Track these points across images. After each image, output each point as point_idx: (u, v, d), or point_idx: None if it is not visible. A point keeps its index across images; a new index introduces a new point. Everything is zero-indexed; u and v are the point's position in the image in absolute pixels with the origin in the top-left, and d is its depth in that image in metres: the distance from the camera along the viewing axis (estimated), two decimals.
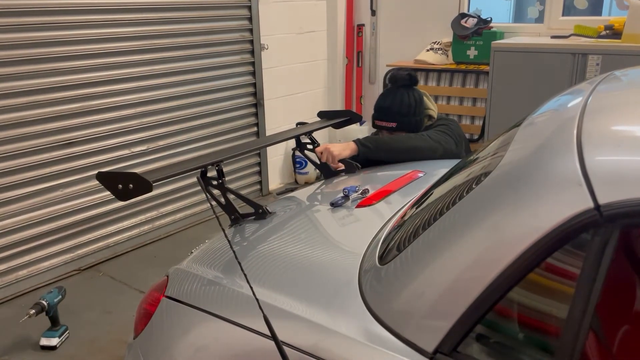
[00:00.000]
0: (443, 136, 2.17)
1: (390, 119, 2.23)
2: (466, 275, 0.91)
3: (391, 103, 2.24)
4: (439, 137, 2.15)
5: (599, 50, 3.03)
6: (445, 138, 2.17)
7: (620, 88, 1.28)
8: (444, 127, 2.22)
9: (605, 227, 0.79)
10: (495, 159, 1.08)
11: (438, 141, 2.13)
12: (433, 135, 2.15)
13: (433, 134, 2.16)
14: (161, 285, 1.45)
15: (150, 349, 1.34)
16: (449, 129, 2.22)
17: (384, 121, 2.26)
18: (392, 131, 2.25)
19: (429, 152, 2.12)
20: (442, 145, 2.14)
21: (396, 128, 2.23)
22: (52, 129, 2.84)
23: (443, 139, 2.16)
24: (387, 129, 2.25)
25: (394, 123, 2.23)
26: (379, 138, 2.13)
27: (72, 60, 2.88)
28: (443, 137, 2.16)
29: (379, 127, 2.29)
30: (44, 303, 2.32)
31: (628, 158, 0.84)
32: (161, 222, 3.47)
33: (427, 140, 2.12)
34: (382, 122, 2.26)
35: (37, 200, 2.84)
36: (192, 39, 3.41)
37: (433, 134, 2.16)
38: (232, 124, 3.78)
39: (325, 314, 1.11)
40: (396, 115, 2.23)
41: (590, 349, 0.84)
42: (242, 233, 1.61)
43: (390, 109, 2.24)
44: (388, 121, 2.24)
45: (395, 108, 2.23)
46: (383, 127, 2.26)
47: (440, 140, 2.15)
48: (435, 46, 4.00)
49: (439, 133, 2.18)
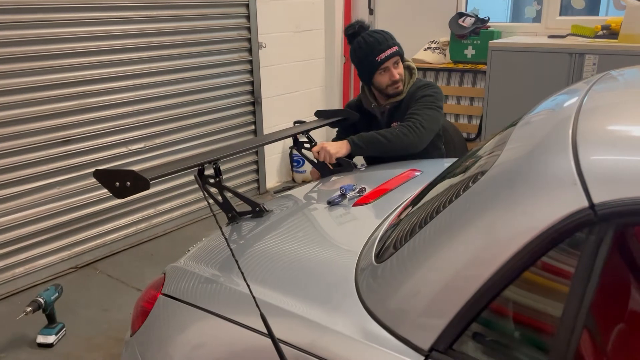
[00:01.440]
0: (432, 116, 2.17)
1: (392, 44, 2.23)
2: (462, 273, 0.92)
3: (381, 34, 2.25)
4: (429, 122, 2.14)
5: (595, 50, 3.04)
6: (434, 117, 2.17)
7: (615, 88, 1.29)
8: (432, 98, 2.21)
9: (600, 226, 0.79)
10: (491, 158, 1.09)
11: (429, 128, 2.14)
12: (424, 120, 2.13)
13: (423, 117, 2.14)
14: (158, 282, 1.45)
15: (148, 347, 1.34)
16: (436, 100, 2.22)
17: (388, 49, 2.21)
18: (398, 55, 2.23)
19: (421, 144, 2.13)
20: (432, 131, 2.17)
21: (399, 51, 2.24)
22: (48, 126, 2.84)
23: (433, 121, 2.16)
24: (394, 54, 2.22)
25: (396, 47, 2.24)
26: (372, 137, 2.10)
27: (68, 58, 2.87)
28: (432, 119, 2.16)
29: (387, 57, 2.21)
30: (40, 301, 2.32)
31: (623, 157, 0.84)
32: (158, 220, 3.46)
33: (418, 132, 2.11)
34: (388, 51, 2.21)
35: (34, 197, 2.84)
36: (189, 36, 3.41)
37: (423, 119, 2.14)
38: (229, 122, 3.78)
39: (322, 312, 1.11)
40: (391, 40, 2.24)
41: (585, 347, 0.85)
42: (239, 231, 1.61)
43: (384, 37, 2.23)
44: (391, 47, 2.22)
45: (387, 35, 2.25)
46: (390, 55, 2.21)
47: (432, 126, 2.16)
48: (432, 45, 4.00)
49: (428, 113, 2.16)
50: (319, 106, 4.36)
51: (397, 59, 2.24)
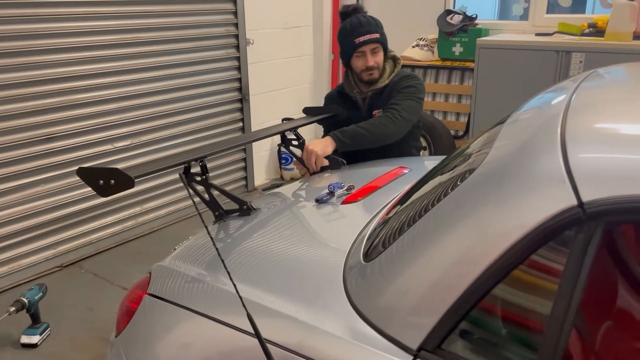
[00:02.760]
0: (412, 106, 2.18)
1: (373, 31, 2.22)
2: (451, 272, 0.91)
3: (365, 18, 2.25)
4: (408, 112, 2.16)
5: (582, 48, 3.06)
6: (413, 107, 2.18)
7: (603, 85, 1.29)
8: (413, 89, 2.22)
9: (589, 224, 0.79)
10: (479, 155, 1.08)
11: (408, 118, 2.15)
12: (403, 111, 2.14)
13: (404, 107, 2.16)
14: (144, 282, 1.43)
15: (133, 347, 1.32)
16: (418, 92, 2.22)
17: (368, 34, 2.22)
18: (377, 42, 2.23)
19: (399, 134, 2.16)
20: (411, 121, 2.18)
21: (380, 39, 2.24)
22: (32, 123, 2.79)
23: (412, 111, 2.17)
24: (372, 41, 2.22)
25: (377, 34, 2.23)
26: (354, 131, 2.09)
27: (52, 54, 2.82)
28: (412, 110, 2.17)
29: (364, 42, 2.22)
30: (24, 300, 2.28)
31: (611, 155, 0.84)
32: (145, 218, 3.43)
33: (397, 121, 2.12)
34: (367, 36, 2.22)
35: (17, 196, 2.79)
36: (176, 32, 3.37)
37: (403, 109, 2.15)
38: (217, 119, 3.75)
39: (310, 312, 1.10)
40: (375, 27, 2.24)
41: (573, 345, 0.85)
42: (226, 229, 1.60)
43: (367, 22, 2.23)
44: (371, 33, 2.22)
45: (371, 21, 2.25)
46: (368, 40, 2.22)
47: (411, 116, 2.17)
48: (421, 42, 4.00)
49: (408, 104, 2.17)
50: (307, 103, 4.35)
51: (376, 47, 2.24)
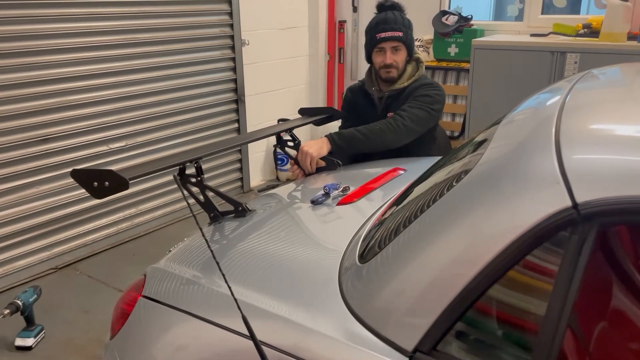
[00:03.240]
0: (420, 116, 2.12)
1: (397, 29, 2.19)
2: (445, 273, 0.91)
3: (394, 15, 2.21)
4: (414, 121, 2.10)
5: (577, 49, 3.07)
6: (421, 118, 2.13)
7: (598, 86, 1.29)
8: (429, 99, 2.17)
9: (583, 225, 0.79)
10: (474, 157, 1.08)
11: (411, 128, 2.10)
12: (407, 120, 2.10)
13: (410, 116, 2.11)
14: (138, 284, 1.42)
15: (127, 350, 1.31)
16: (433, 102, 2.17)
17: (391, 31, 2.18)
18: (399, 41, 2.19)
19: (398, 143, 2.11)
20: (415, 131, 2.12)
21: (402, 38, 2.20)
22: (27, 124, 2.78)
23: (419, 122, 2.12)
24: (394, 38, 2.19)
25: (401, 32, 2.19)
26: (351, 135, 2.07)
27: (48, 55, 2.81)
28: (419, 120, 2.12)
29: (385, 39, 2.19)
30: (18, 303, 2.27)
31: (606, 156, 0.84)
32: (140, 219, 3.42)
33: (398, 130, 2.08)
34: (389, 33, 2.18)
35: (12, 197, 2.78)
36: (171, 33, 3.37)
37: (408, 118, 2.10)
38: (212, 120, 3.74)
39: (305, 313, 1.10)
40: (401, 25, 2.20)
41: (568, 346, 0.85)
42: (221, 231, 1.59)
43: (394, 19, 2.20)
44: (395, 30, 2.18)
45: (399, 19, 2.20)
46: (389, 37, 2.19)
47: (416, 126, 2.11)
48: (416, 43, 4.00)
49: (416, 113, 2.12)
50: (303, 104, 4.35)
51: (397, 45, 2.21)
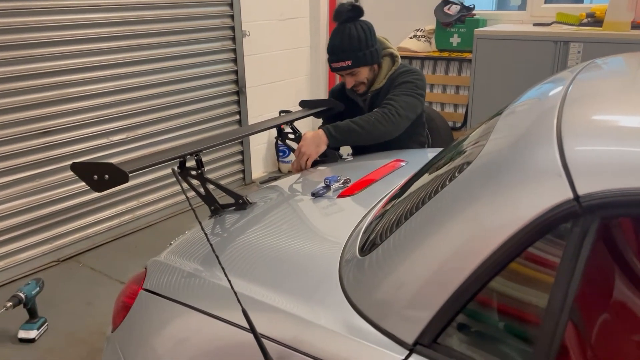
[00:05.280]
0: (409, 102, 2.12)
1: (344, 58, 2.16)
2: (447, 266, 0.90)
3: (341, 41, 2.16)
4: (405, 109, 2.10)
5: (580, 38, 3.04)
6: (411, 104, 2.12)
7: (600, 77, 1.28)
8: (411, 85, 2.15)
9: (585, 217, 0.78)
10: (476, 148, 1.07)
11: (405, 115, 2.10)
12: (400, 108, 2.09)
13: (400, 103, 2.10)
14: (139, 277, 1.42)
15: (129, 342, 1.31)
16: (416, 87, 2.16)
17: (338, 62, 2.18)
18: (350, 69, 2.18)
19: (396, 132, 2.10)
20: (409, 118, 2.12)
21: (352, 65, 2.17)
22: (27, 117, 2.77)
23: (410, 108, 2.12)
24: (343, 68, 2.18)
25: (349, 61, 2.16)
26: (347, 127, 2.06)
27: (47, 47, 2.80)
28: (409, 106, 2.12)
29: (335, 69, 2.21)
30: (21, 295, 2.28)
31: (608, 148, 0.83)
32: (142, 212, 3.42)
33: (394, 119, 2.07)
34: (337, 64, 2.18)
35: (13, 190, 2.78)
36: (171, 24, 3.35)
37: (400, 106, 2.10)
38: (213, 112, 3.73)
39: (306, 306, 1.09)
40: (349, 52, 2.15)
41: (570, 339, 0.84)
42: (222, 224, 1.59)
43: (341, 47, 2.16)
44: (342, 60, 2.17)
45: (345, 45, 2.15)
46: (339, 68, 2.19)
47: (409, 113, 2.11)
48: (418, 33, 3.98)
49: (405, 100, 2.12)
50: (304, 95, 4.34)
51: (351, 71, 2.20)
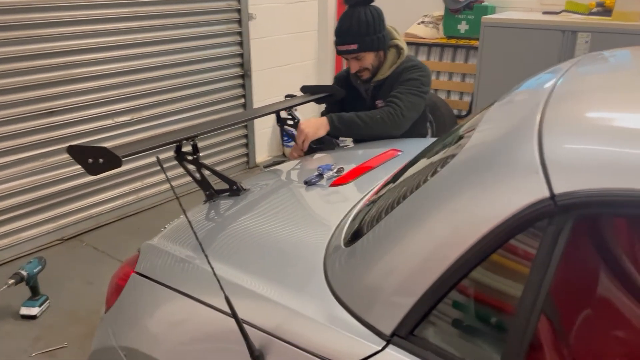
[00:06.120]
0: (414, 102, 2.11)
1: (350, 41, 2.15)
2: (422, 262, 0.91)
3: (349, 24, 2.15)
4: (410, 109, 2.09)
5: (588, 28, 3.00)
6: (416, 104, 2.11)
7: (595, 71, 1.26)
8: (417, 82, 2.14)
9: (560, 216, 0.78)
10: (464, 140, 1.07)
11: (408, 116, 2.09)
12: (405, 108, 2.08)
13: (405, 103, 2.09)
14: (132, 260, 1.45)
15: (119, 324, 1.34)
16: (422, 85, 2.14)
17: (344, 45, 2.17)
18: (355, 53, 2.17)
19: (399, 131, 2.10)
20: (412, 118, 2.12)
21: (358, 49, 2.16)
22: (32, 97, 2.80)
23: (414, 108, 2.11)
24: (349, 52, 2.18)
25: (355, 45, 2.16)
26: (351, 119, 2.06)
27: (53, 27, 2.81)
28: (414, 106, 2.11)
29: (341, 52, 2.21)
30: (23, 273, 2.32)
31: (587, 147, 0.83)
32: (146, 193, 3.45)
33: (398, 119, 2.07)
34: (343, 46, 2.18)
35: (17, 169, 2.82)
36: (177, 6, 3.34)
37: (405, 106, 2.08)
38: (218, 95, 3.73)
39: (290, 295, 1.10)
40: (356, 36, 2.15)
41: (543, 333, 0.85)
42: (216, 209, 1.60)
43: (349, 30, 2.15)
44: (348, 43, 2.16)
45: (353, 29, 2.14)
46: (344, 51, 2.19)
47: (412, 114, 2.11)
48: (426, 19, 3.94)
49: (411, 100, 2.10)
50: (310, 80, 4.32)
51: (356, 55, 2.18)
